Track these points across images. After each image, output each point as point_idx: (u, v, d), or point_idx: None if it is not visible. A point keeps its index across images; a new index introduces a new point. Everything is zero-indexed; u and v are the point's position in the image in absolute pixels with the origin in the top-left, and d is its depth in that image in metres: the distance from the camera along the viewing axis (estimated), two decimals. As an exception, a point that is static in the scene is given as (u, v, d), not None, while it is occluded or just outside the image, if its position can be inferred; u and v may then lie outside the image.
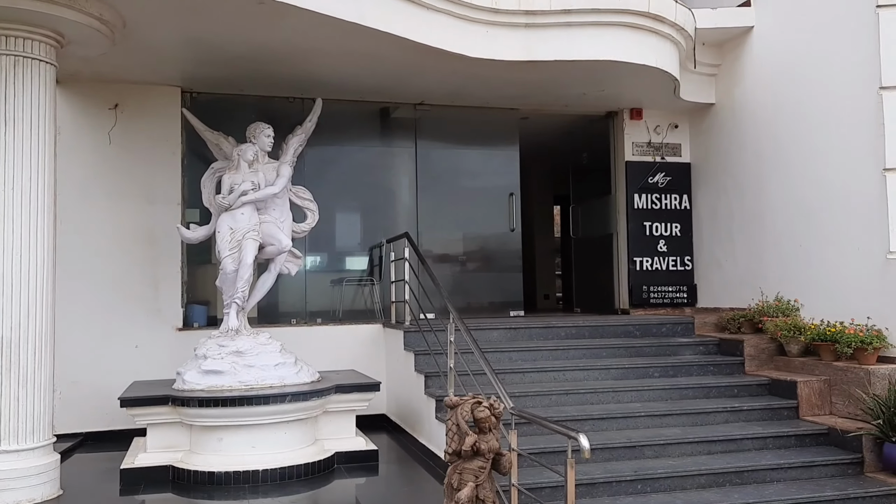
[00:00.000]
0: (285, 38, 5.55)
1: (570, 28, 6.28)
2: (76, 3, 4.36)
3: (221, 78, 6.53)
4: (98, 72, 6.12)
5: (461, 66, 6.29)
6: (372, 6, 5.31)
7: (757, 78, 7.20)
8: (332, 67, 6.35)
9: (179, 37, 5.52)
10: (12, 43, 4.32)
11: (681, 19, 6.61)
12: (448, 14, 5.87)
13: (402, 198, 7.84)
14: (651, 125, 8.19)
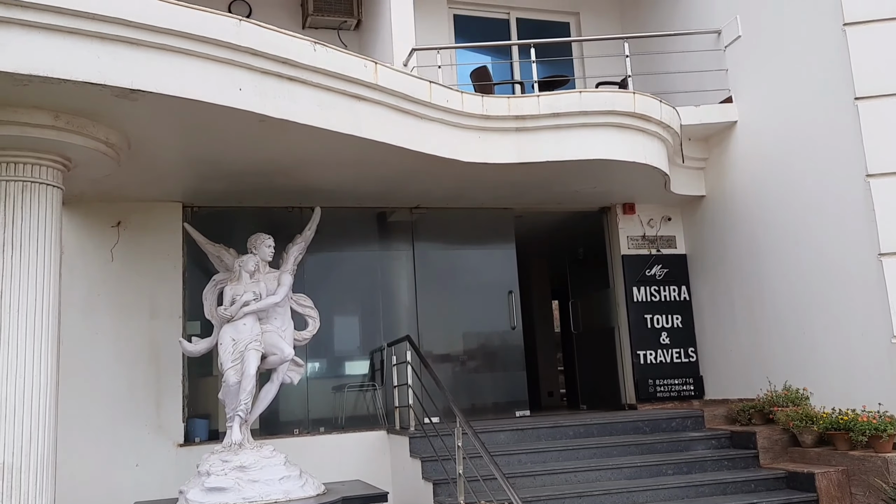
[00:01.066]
0: (285, 151, 5.70)
1: (559, 130, 6.48)
2: (84, 129, 4.51)
3: (222, 192, 6.66)
4: (102, 191, 6.25)
5: (456, 170, 6.44)
6: (368, 118, 5.49)
7: (744, 169, 7.39)
8: (329, 176, 6.49)
9: (182, 155, 5.68)
10: (21, 169, 4.43)
11: (666, 117, 6.84)
12: (441, 122, 6.06)
13: (402, 300, 7.86)
14: (644, 219, 8.33)
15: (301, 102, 5.04)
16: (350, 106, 5.37)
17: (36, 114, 4.32)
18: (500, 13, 9.24)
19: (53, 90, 4.14)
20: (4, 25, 3.87)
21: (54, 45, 4.02)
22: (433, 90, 5.92)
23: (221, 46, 4.59)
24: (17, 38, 3.90)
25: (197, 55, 4.51)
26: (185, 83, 4.44)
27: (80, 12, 4.03)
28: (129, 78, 4.22)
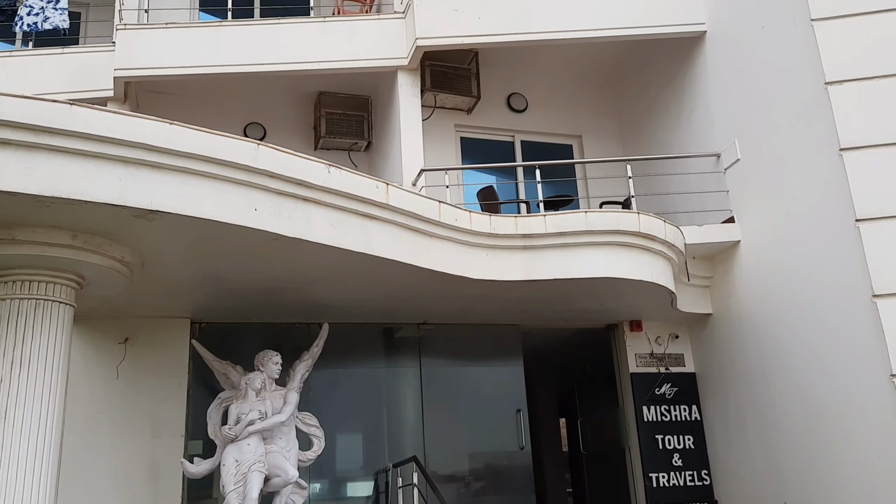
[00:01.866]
0: (295, 268, 5.76)
1: (566, 249, 6.56)
2: (101, 248, 4.58)
3: (230, 308, 6.69)
4: (111, 308, 6.27)
5: (463, 287, 6.48)
6: (379, 237, 5.58)
7: (749, 288, 7.43)
8: (337, 292, 6.52)
9: (193, 272, 5.74)
10: (35, 287, 4.47)
11: (670, 237, 6.94)
12: (450, 240, 6.15)
13: (408, 418, 7.71)
14: (652, 336, 8.30)
15: (314, 222, 5.14)
16: (362, 225, 5.47)
17: (55, 233, 4.40)
18: (505, 136, 9.58)
19: (74, 211, 4.24)
20: (32, 150, 4.00)
21: (78, 168, 4.14)
22: (442, 209, 6.05)
23: (239, 169, 4.72)
24: (44, 163, 4.03)
25: (215, 177, 4.64)
26: (202, 204, 4.54)
27: (105, 137, 4.18)
28: (149, 199, 4.32)
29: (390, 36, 8.55)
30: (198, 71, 8.30)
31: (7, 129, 3.90)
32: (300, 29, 8.57)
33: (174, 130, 4.47)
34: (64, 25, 8.92)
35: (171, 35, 8.43)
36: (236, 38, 8.46)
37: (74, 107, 4.13)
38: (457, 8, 8.21)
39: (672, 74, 8.78)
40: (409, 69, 8.47)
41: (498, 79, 9.38)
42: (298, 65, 8.45)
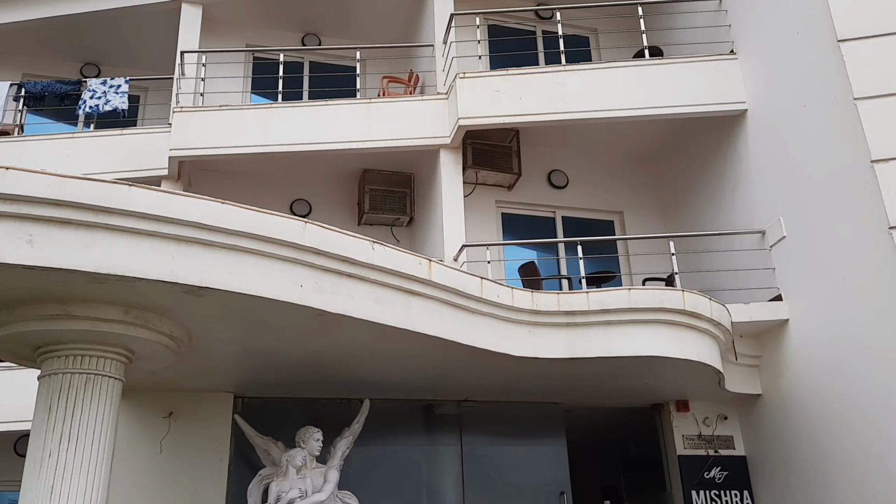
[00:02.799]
0: (337, 344, 5.79)
1: (609, 326, 6.49)
2: (150, 324, 4.69)
3: (272, 382, 6.72)
4: (156, 382, 6.35)
5: (505, 364, 6.42)
6: (421, 313, 5.60)
7: (800, 368, 7.21)
8: (379, 368, 6.52)
9: (237, 347, 5.81)
10: (86, 362, 4.57)
11: (716, 315, 6.82)
12: (492, 317, 6.14)
13: (449, 498, 7.53)
14: (699, 417, 8.06)
15: (357, 298, 5.19)
16: (404, 301, 5.50)
17: (107, 309, 4.52)
18: (546, 212, 9.64)
19: (127, 287, 4.36)
20: (91, 229, 4.16)
21: (133, 246, 4.28)
22: (484, 286, 6.06)
23: (286, 246, 4.82)
24: (101, 241, 4.18)
25: (262, 254, 4.74)
26: (249, 281, 4.63)
27: (160, 217, 4.33)
28: (199, 276, 4.43)
29: (433, 116, 8.79)
30: (248, 151, 8.61)
31: (69, 209, 4.07)
32: (347, 110, 8.87)
33: (225, 209, 4.62)
34: (123, 107, 9.39)
35: (224, 117, 8.79)
36: (285, 119, 8.78)
37: (132, 188, 4.30)
38: (498, 89, 8.43)
39: (713, 151, 8.80)
40: (451, 147, 8.66)
41: (539, 156, 9.51)
42: (344, 144, 8.72)
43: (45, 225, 4.06)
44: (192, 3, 9.88)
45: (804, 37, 7.45)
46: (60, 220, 4.09)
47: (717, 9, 8.87)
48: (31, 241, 3.98)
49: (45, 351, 4.60)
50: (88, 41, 10.63)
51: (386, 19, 10.55)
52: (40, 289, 4.33)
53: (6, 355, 4.99)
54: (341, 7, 10.40)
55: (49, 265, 3.99)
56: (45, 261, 3.99)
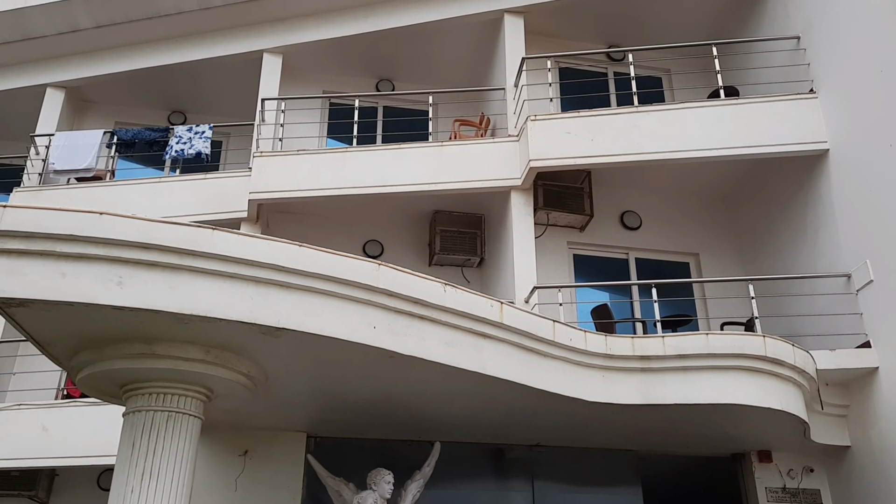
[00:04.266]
0: (407, 385, 5.81)
1: (686, 372, 6.32)
2: (229, 363, 4.81)
3: (345, 423, 6.77)
4: (233, 420, 6.49)
5: (578, 409, 6.30)
6: (492, 356, 5.57)
7: (892, 420, 6.83)
8: (449, 411, 6.50)
9: (310, 387, 5.89)
10: (168, 400, 4.72)
11: (800, 362, 6.55)
12: (564, 360, 6.05)
13: (519, 547, 7.39)
14: (783, 468, 7.68)
15: (429, 340, 5.21)
16: (475, 344, 5.49)
17: (189, 349, 4.67)
18: (618, 253, 9.51)
19: (208, 328, 4.51)
20: (176, 271, 4.34)
21: (215, 287, 4.44)
22: (557, 329, 6.00)
23: (360, 288, 4.90)
24: (185, 283, 4.35)
25: (337, 296, 4.83)
26: (324, 322, 4.72)
27: (241, 259, 4.48)
28: (276, 317, 4.55)
29: (504, 158, 8.85)
30: (325, 193, 8.84)
31: (156, 251, 4.26)
32: (419, 153, 9.03)
33: (302, 252, 4.74)
34: (206, 152, 9.81)
35: (301, 161, 9.07)
36: (360, 162, 9.00)
37: (215, 231, 4.48)
38: (569, 130, 8.43)
39: (793, 192, 8.54)
40: (522, 189, 8.68)
41: (611, 197, 9.43)
42: (416, 186, 8.85)
43: (134, 267, 4.25)
44: (272, 52, 10.29)
45: (888, 75, 7.23)
46: (148, 263, 4.28)
47: (794, 47, 8.69)
48: (120, 283, 4.17)
49: (129, 389, 4.77)
50: (176, 90, 11.18)
51: (457, 64, 10.75)
52: (127, 328, 4.52)
53: (93, 392, 5.20)
54: (414, 53, 10.65)
55: (137, 306, 4.17)
56: (133, 302, 4.17)
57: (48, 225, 4.12)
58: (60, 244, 4.10)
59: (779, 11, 9.13)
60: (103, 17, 10.34)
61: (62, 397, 8.57)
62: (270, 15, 10.27)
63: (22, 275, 4.06)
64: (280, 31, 10.31)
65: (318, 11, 10.27)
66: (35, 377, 8.39)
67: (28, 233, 4.06)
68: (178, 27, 10.41)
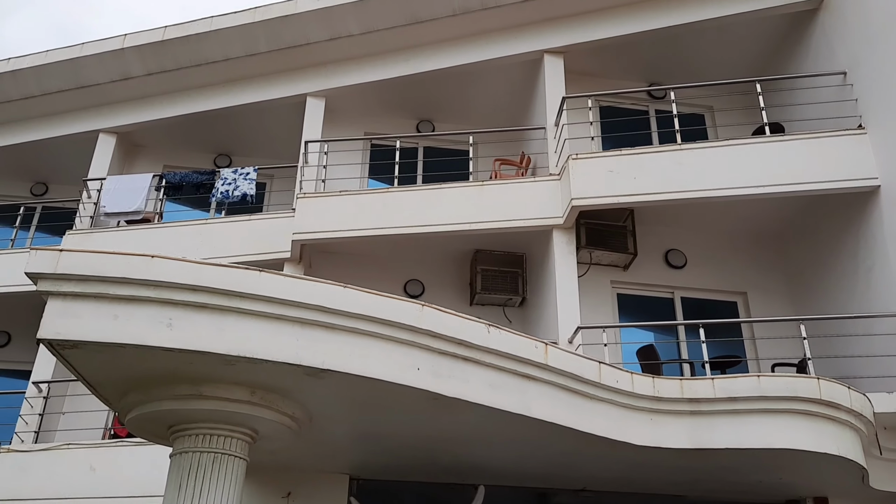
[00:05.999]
0: (450, 428, 5.73)
1: (737, 416, 6.13)
2: (274, 404, 4.82)
3: (387, 465, 6.71)
4: (276, 461, 6.47)
5: (624, 453, 6.15)
6: (537, 398, 5.48)
7: (959, 466, 6.53)
8: (492, 454, 6.40)
9: (352, 429, 5.86)
10: (214, 441, 4.73)
11: (857, 404, 6.32)
12: (611, 403, 5.93)
13: None
14: (842, 517, 7.39)
15: (472, 382, 5.15)
16: (519, 386, 5.41)
17: (235, 390, 4.69)
18: (663, 293, 9.37)
19: (254, 369, 4.52)
20: (224, 313, 4.38)
21: (260, 329, 4.47)
22: (602, 370, 5.89)
23: (404, 329, 4.89)
24: (232, 324, 4.39)
25: (381, 337, 4.82)
26: (368, 363, 4.70)
27: (287, 301, 4.51)
28: (321, 358, 4.55)
29: (545, 197, 8.84)
30: (366, 233, 8.92)
31: (205, 293, 4.31)
32: (460, 193, 9.07)
33: (347, 293, 4.75)
34: (251, 193, 10.00)
35: (344, 201, 9.18)
36: (401, 202, 9.07)
37: (262, 273, 4.52)
38: (612, 169, 8.40)
39: (844, 229, 8.35)
40: (564, 228, 8.64)
41: (655, 235, 9.33)
42: (457, 226, 8.88)
43: (184, 309, 4.31)
44: (315, 96, 10.52)
45: (940, 109, 7.09)
46: (197, 305, 4.34)
47: (841, 83, 8.58)
48: (170, 325, 4.23)
49: (176, 430, 4.80)
50: (222, 133, 11.47)
51: (497, 104, 10.84)
52: (175, 369, 4.56)
53: (141, 433, 5.25)
54: (454, 94, 10.79)
55: (186, 347, 4.22)
56: (182, 343, 4.22)
57: (101, 268, 4.20)
58: (113, 287, 4.18)
59: (823, 47, 9.05)
60: (154, 64, 10.71)
61: (109, 437, 8.67)
62: (314, 60, 10.54)
63: (76, 317, 4.14)
64: (323, 75, 10.55)
65: (360, 55, 10.50)
66: (83, 417, 8.53)
67: (83, 276, 4.16)
68: (225, 73, 10.73)
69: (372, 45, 10.36)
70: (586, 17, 9.85)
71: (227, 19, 10.33)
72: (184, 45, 10.48)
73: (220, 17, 10.37)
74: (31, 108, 11.26)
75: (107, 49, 10.62)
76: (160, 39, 10.45)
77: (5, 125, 11.40)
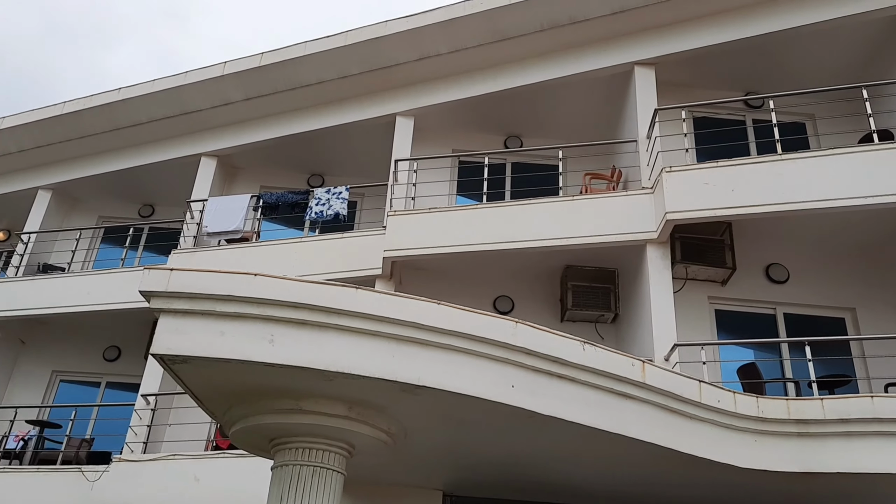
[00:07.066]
0: (543, 446, 5.67)
1: (849, 438, 5.85)
2: (370, 420, 4.89)
3: (479, 482, 6.69)
4: (371, 476, 6.56)
5: (725, 476, 5.94)
6: (634, 417, 5.35)
7: None
8: (587, 474, 6.30)
9: (445, 445, 5.86)
10: (313, 455, 4.83)
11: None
12: (712, 423, 5.74)
13: None
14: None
15: (568, 400, 5.08)
16: (616, 404, 5.30)
17: (333, 405, 4.77)
18: (765, 308, 9.00)
19: (351, 385, 4.59)
20: (322, 329, 4.48)
21: (357, 345, 4.53)
22: (703, 389, 5.71)
23: (498, 346, 4.87)
24: (331, 341, 4.47)
25: (475, 354, 4.81)
26: (463, 380, 4.70)
27: (383, 317, 4.56)
28: (416, 375, 4.57)
29: (638, 211, 8.66)
30: (455, 250, 8.96)
31: (306, 310, 4.42)
32: (549, 208, 9.01)
33: (441, 310, 4.78)
34: (343, 213, 10.23)
35: (433, 218, 9.27)
36: (490, 219, 9.08)
37: (359, 290, 4.60)
38: (707, 181, 8.16)
39: (963, 240, 7.82)
40: (658, 242, 8.45)
41: (755, 249, 8.98)
42: (547, 241, 8.81)
43: (284, 325, 4.43)
44: (404, 115, 10.70)
45: None
46: (297, 321, 4.45)
47: (954, 86, 8.09)
48: (272, 341, 4.36)
49: (278, 443, 4.93)
50: (314, 154, 11.82)
51: (586, 117, 10.74)
52: (276, 384, 4.69)
53: (245, 445, 5.41)
54: (542, 109, 10.75)
55: (288, 363, 4.33)
56: (284, 359, 4.34)
57: (208, 286, 4.38)
58: (219, 304, 4.34)
59: (932, 49, 8.55)
60: (252, 90, 11.16)
61: (212, 448, 9.00)
62: (403, 80, 10.73)
63: (185, 333, 4.32)
64: (412, 95, 10.73)
65: (448, 74, 10.63)
66: (187, 429, 8.88)
67: (191, 293, 4.33)
68: (317, 96, 11.08)
69: (459, 63, 10.47)
70: (678, 27, 9.65)
71: (320, 44, 10.67)
72: (280, 69, 10.87)
73: (314, 41, 10.71)
74: (139, 135, 11.94)
75: (208, 76, 11.14)
76: (258, 66, 10.88)
77: (116, 151, 12.13)
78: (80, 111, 11.87)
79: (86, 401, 11.23)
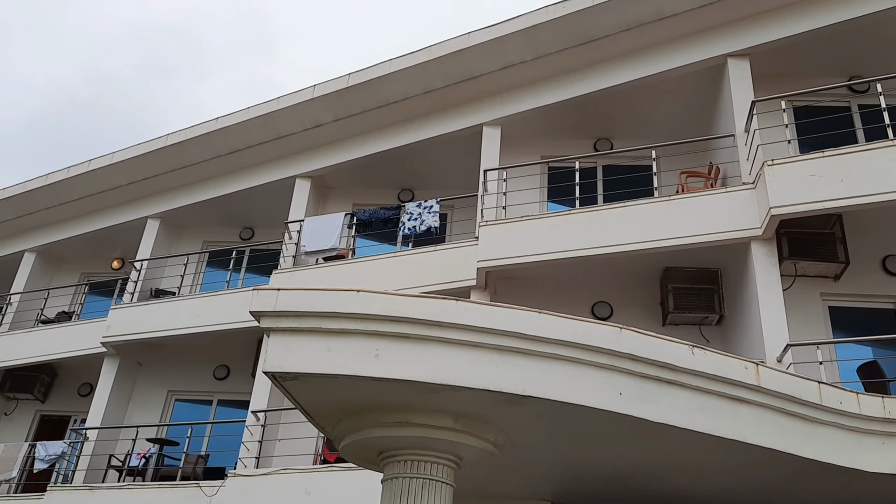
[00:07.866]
0: (653, 455, 5.50)
1: None
2: (477, 431, 4.88)
3: (588, 493, 6.55)
4: (478, 488, 6.53)
5: (850, 482, 5.62)
6: (751, 423, 5.12)
7: None
8: (701, 484, 6.09)
9: (552, 455, 5.77)
10: (422, 467, 4.85)
11: None
12: (834, 426, 5.44)
13: None
14: None
15: (679, 406, 4.92)
16: (731, 409, 5.09)
17: (439, 417, 4.79)
18: (884, 303, 8.50)
19: (455, 397, 4.60)
20: (424, 342, 4.51)
21: (459, 357, 4.53)
22: (823, 391, 5.41)
23: (602, 353, 4.77)
24: (432, 353, 4.49)
25: (579, 362, 4.73)
26: (570, 389, 4.63)
27: (485, 329, 4.55)
28: (521, 385, 4.54)
29: (739, 207, 8.35)
30: (550, 257, 8.88)
31: (407, 324, 4.47)
32: (644, 210, 8.80)
33: (542, 319, 4.72)
34: (435, 225, 10.32)
35: (525, 227, 9.22)
36: (583, 224, 8.95)
37: (459, 303, 4.61)
38: (814, 173, 7.77)
39: None
40: (763, 239, 8.11)
41: (869, 241, 8.51)
42: (645, 244, 8.61)
43: (388, 340, 4.48)
44: (491, 125, 10.71)
45: None
46: (399, 335, 4.49)
47: None
48: (377, 356, 4.42)
49: (386, 456, 4.98)
50: (404, 169, 11.99)
51: (677, 115, 10.46)
52: (382, 398, 4.74)
53: (355, 459, 5.50)
54: (631, 109, 10.55)
55: (393, 377, 4.38)
56: (389, 373, 4.39)
57: (314, 304, 4.48)
58: (325, 321, 4.44)
59: None
60: (341, 110, 11.43)
61: (320, 462, 9.21)
62: (487, 90, 10.76)
63: (294, 351, 4.43)
64: (497, 104, 10.73)
65: (532, 81, 10.58)
66: (296, 443, 9.12)
67: (298, 312, 4.45)
68: (404, 112, 11.24)
69: (543, 69, 10.40)
70: (772, 15, 9.27)
71: (404, 60, 10.83)
72: (366, 89, 11.10)
73: (398, 58, 10.89)
74: (237, 161, 12.43)
75: (299, 100, 11.50)
76: (345, 86, 11.15)
77: (216, 178, 12.67)
78: (182, 142, 12.47)
79: (199, 418, 11.72)
